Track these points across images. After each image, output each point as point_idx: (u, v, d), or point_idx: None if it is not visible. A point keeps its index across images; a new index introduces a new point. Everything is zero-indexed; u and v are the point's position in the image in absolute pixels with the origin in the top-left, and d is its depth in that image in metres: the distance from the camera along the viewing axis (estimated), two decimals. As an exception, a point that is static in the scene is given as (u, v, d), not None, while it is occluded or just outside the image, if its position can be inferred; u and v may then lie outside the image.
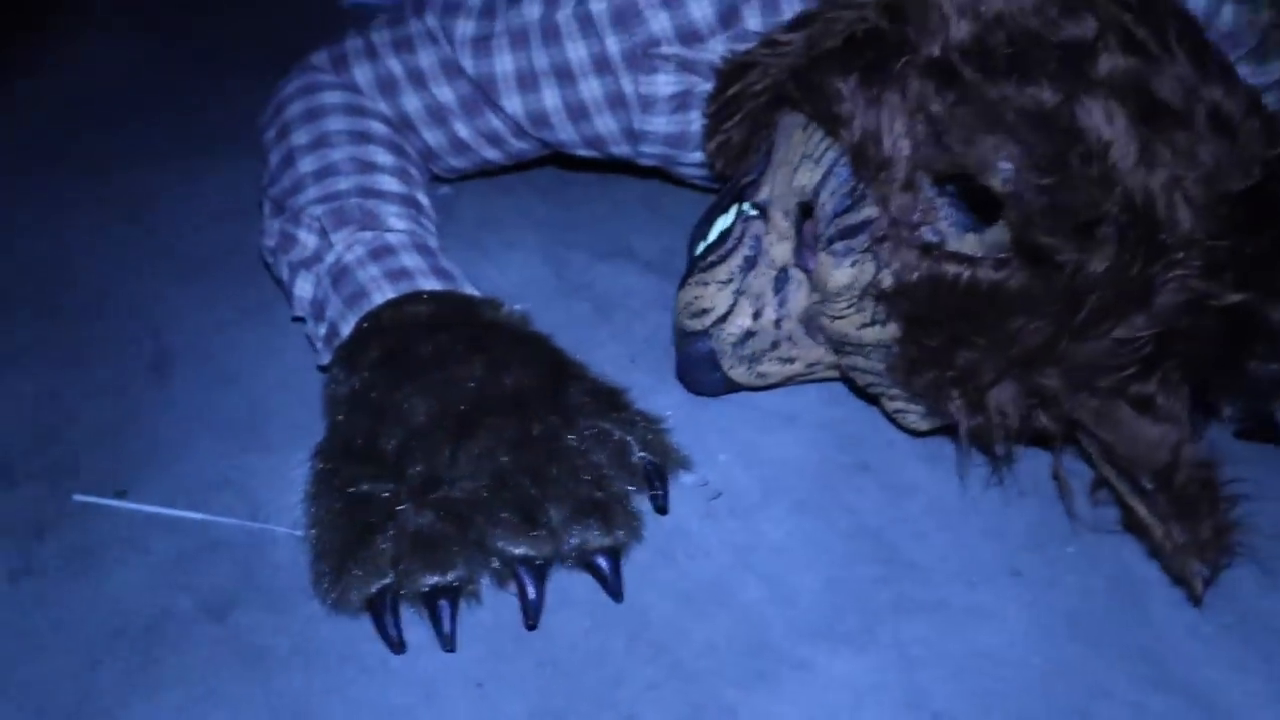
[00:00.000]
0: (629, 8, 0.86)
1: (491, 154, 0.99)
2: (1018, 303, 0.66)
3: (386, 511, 0.70)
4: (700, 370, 0.84)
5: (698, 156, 0.95)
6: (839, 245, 0.74)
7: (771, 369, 0.82)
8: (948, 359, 0.70)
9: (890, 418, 0.82)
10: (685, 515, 0.78)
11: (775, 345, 0.81)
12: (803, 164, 0.78)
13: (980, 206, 0.69)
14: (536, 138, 0.95)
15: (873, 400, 0.83)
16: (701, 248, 0.85)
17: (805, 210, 0.79)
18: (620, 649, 0.69)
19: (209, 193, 1.13)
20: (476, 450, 0.72)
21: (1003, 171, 0.60)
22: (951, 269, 0.67)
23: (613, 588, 0.71)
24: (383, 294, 0.82)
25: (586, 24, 0.87)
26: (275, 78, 1.01)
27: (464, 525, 0.69)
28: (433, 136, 0.97)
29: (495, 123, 0.95)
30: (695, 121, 0.91)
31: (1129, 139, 0.64)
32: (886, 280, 0.71)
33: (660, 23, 0.86)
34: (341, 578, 0.68)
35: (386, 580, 0.67)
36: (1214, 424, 0.85)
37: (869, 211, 0.73)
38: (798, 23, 0.81)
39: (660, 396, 0.87)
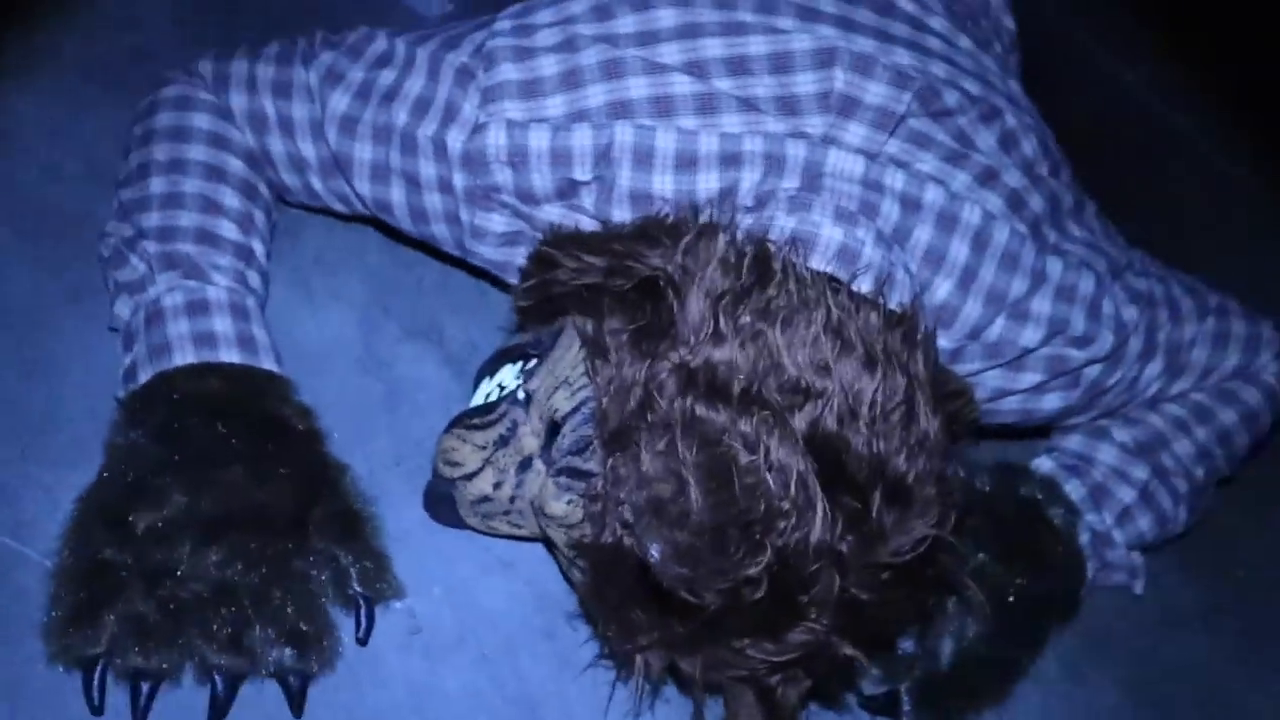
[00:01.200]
0: (478, 156, 0.89)
1: (339, 207, 1.03)
2: (669, 606, 0.76)
3: (117, 587, 0.80)
4: (441, 507, 0.94)
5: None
6: (563, 480, 0.83)
7: (502, 527, 0.93)
8: (614, 616, 0.81)
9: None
10: (383, 644, 0.90)
11: (507, 513, 0.91)
12: (562, 387, 0.85)
13: None
14: (379, 216, 1.01)
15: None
16: (477, 396, 0.94)
17: (553, 428, 0.85)
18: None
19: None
20: (213, 558, 0.82)
21: (650, 553, 0.68)
22: (632, 553, 0.76)
23: (295, 705, 0.84)
24: (184, 356, 0.89)
25: (440, 152, 0.91)
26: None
27: (179, 624, 0.80)
28: (289, 179, 1.01)
29: (346, 189, 1.00)
30: (521, 256, 0.95)
31: (802, 505, 0.71)
32: (585, 533, 0.81)
33: (504, 176, 0.90)
34: (64, 636, 0.79)
35: (100, 650, 0.79)
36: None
37: (594, 466, 0.81)
38: (601, 247, 0.85)
39: (407, 510, 0.96)
